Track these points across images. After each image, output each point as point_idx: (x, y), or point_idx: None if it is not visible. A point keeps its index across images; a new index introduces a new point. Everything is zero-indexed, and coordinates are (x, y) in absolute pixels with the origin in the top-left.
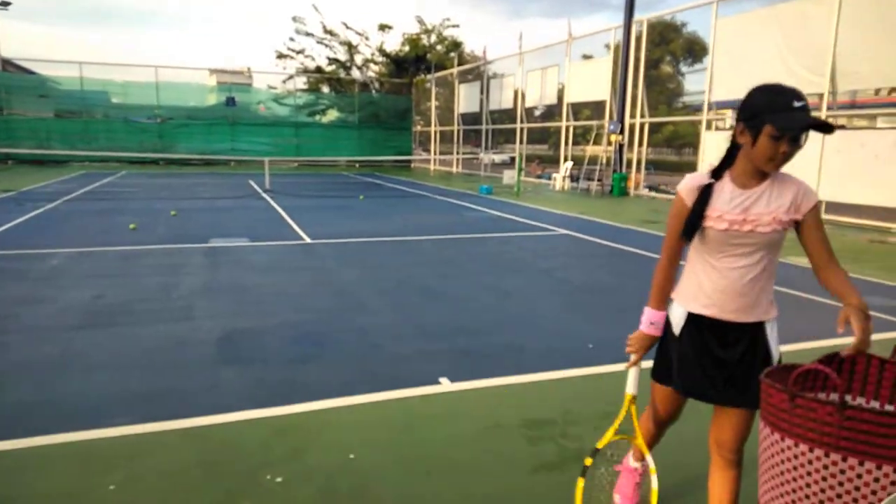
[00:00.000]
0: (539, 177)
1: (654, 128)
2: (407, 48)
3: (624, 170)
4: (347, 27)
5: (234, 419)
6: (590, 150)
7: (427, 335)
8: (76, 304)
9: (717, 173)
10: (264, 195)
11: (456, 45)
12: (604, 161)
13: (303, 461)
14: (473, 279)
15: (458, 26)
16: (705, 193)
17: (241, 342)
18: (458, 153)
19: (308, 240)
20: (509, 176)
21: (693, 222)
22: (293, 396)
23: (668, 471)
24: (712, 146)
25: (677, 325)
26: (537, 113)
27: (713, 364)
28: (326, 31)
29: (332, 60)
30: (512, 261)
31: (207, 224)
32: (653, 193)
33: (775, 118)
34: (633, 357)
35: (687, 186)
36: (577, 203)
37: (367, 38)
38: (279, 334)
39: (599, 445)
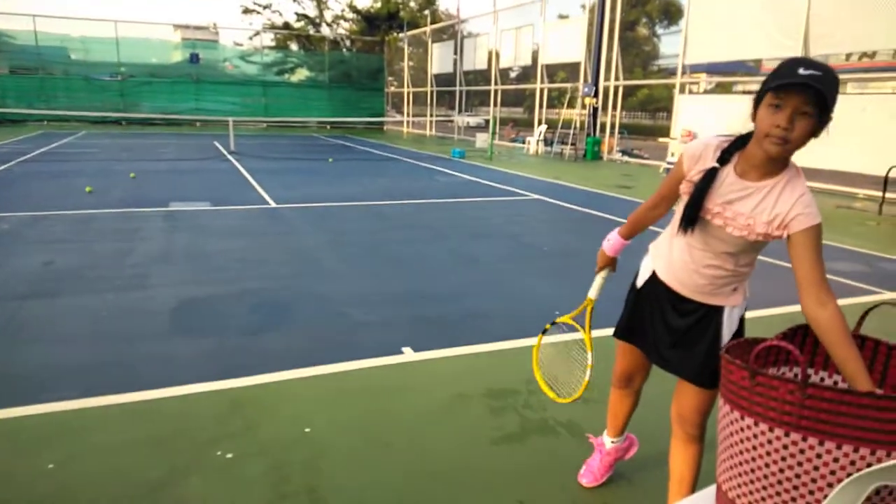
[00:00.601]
0: (513, 140)
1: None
2: (378, 5)
3: (598, 134)
4: None
5: (185, 392)
6: (563, 113)
7: (391, 303)
8: (23, 271)
9: (724, 156)
10: (229, 157)
11: (429, 3)
12: (578, 125)
13: (256, 436)
14: (440, 245)
15: None
16: (707, 179)
17: (196, 311)
18: (431, 115)
19: (273, 204)
20: (482, 140)
21: (691, 214)
22: (250, 368)
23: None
24: (686, 110)
25: (642, 278)
26: (513, 75)
27: (663, 328)
28: None
29: (301, 16)
30: (481, 226)
31: (168, 187)
32: (626, 158)
33: (773, 81)
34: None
35: (691, 154)
36: (550, 167)
37: None
38: (238, 302)
39: (557, 321)
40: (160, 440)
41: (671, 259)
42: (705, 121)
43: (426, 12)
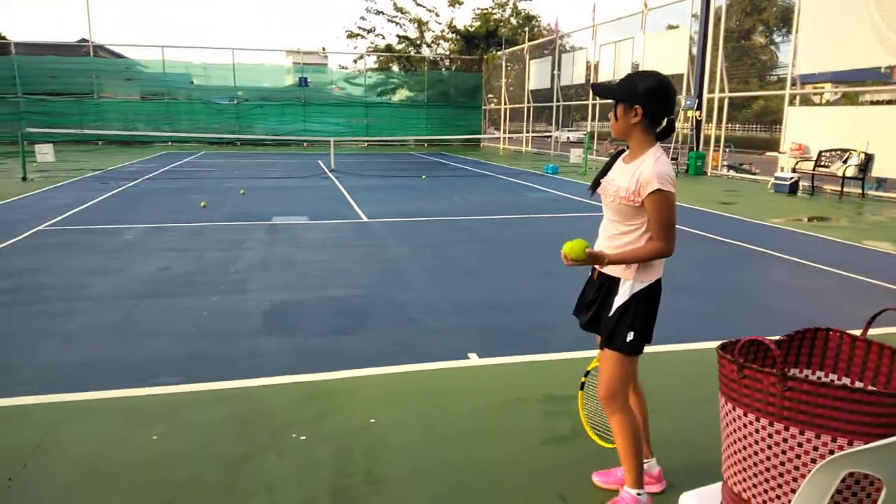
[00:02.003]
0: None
1: (743, 103)
2: (478, 24)
3: (701, 148)
4: (418, 3)
5: (269, 382)
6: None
7: (462, 312)
8: (142, 275)
9: (624, 151)
10: (330, 175)
11: (529, 19)
12: (679, 139)
13: (326, 423)
14: (518, 259)
15: None
16: (608, 163)
17: (285, 313)
18: (528, 131)
19: (364, 218)
20: (576, 155)
21: (593, 182)
22: (326, 365)
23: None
24: (797, 122)
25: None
26: None
27: (584, 302)
28: (397, 9)
29: (403, 38)
30: (563, 242)
31: (272, 202)
32: (732, 173)
33: None
34: None
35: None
36: None
37: (437, 15)
38: (322, 307)
39: (590, 368)
40: (244, 422)
41: (599, 239)
42: (818, 133)
43: (525, 29)
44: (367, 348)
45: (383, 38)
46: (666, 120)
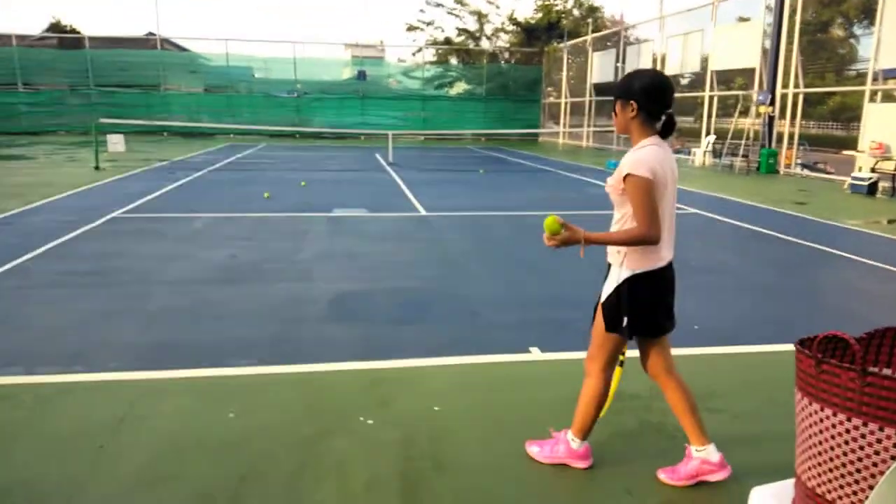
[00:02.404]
0: (678, 151)
1: (819, 99)
2: (539, 15)
3: (773, 145)
4: None
5: (336, 368)
6: (735, 122)
7: (524, 306)
8: (212, 262)
9: None
10: (387, 168)
11: (592, 11)
12: (751, 135)
13: (392, 408)
14: (579, 255)
15: None
16: None
17: (349, 303)
18: (589, 126)
19: (423, 212)
20: None
21: None
22: (391, 353)
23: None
24: (876, 120)
25: None
26: (683, 82)
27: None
28: (457, 1)
29: (462, 31)
30: None
31: (332, 194)
32: (806, 171)
33: None
34: None
35: None
36: (716, 180)
37: (497, 7)
38: (384, 297)
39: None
40: (314, 404)
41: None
42: None
43: (588, 21)
44: (429, 338)
45: (442, 30)
46: (665, 115)
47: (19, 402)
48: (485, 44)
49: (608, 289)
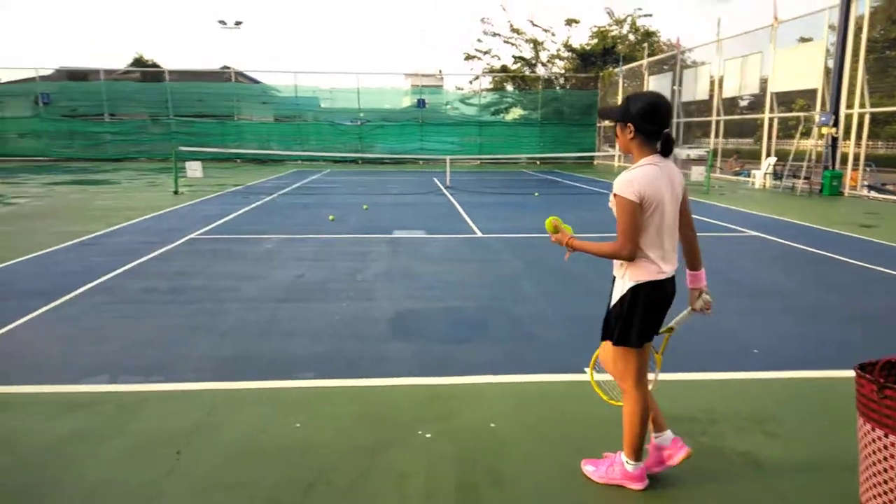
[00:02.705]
0: (737, 173)
1: (888, 119)
2: (595, 41)
3: (838, 166)
4: (534, 24)
5: (395, 383)
6: (797, 144)
7: (578, 327)
8: (281, 281)
9: None
10: (445, 191)
11: (648, 35)
12: (813, 157)
13: (449, 423)
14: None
15: (650, 15)
16: None
17: (409, 320)
18: None
19: (479, 234)
20: (698, 173)
21: None
22: (448, 370)
23: None
24: None
25: None
26: (743, 103)
27: None
28: (513, 30)
29: (518, 59)
30: (680, 261)
31: (393, 217)
32: (873, 193)
33: None
34: None
35: None
36: (776, 203)
37: (553, 34)
38: (442, 316)
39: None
40: (375, 417)
41: None
42: None
43: (644, 45)
44: (486, 356)
45: (499, 58)
46: (663, 135)
47: (103, 409)
48: (540, 70)
49: (614, 300)
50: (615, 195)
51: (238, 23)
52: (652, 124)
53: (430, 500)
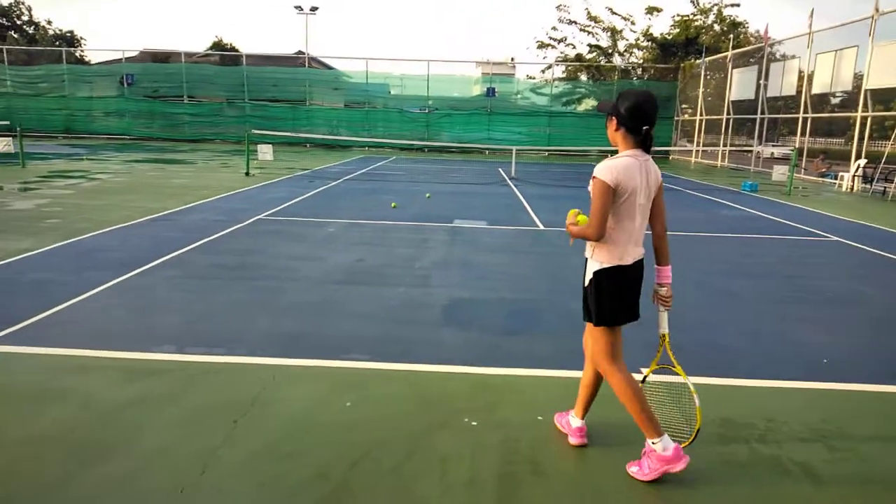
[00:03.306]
0: (823, 175)
1: None
2: (677, 31)
3: None
4: (613, 12)
5: (445, 370)
6: (891, 145)
7: (633, 326)
8: (341, 264)
9: None
10: (509, 182)
11: (735, 26)
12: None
13: (496, 413)
14: (698, 278)
15: (738, 5)
16: None
17: (462, 309)
18: (725, 144)
19: (541, 226)
20: (780, 172)
21: None
22: (499, 360)
23: None
24: None
25: None
26: (835, 101)
27: None
28: (590, 18)
29: (594, 47)
30: (752, 264)
31: (454, 206)
32: None
33: None
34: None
35: None
36: (864, 207)
37: (632, 23)
38: (496, 307)
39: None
40: (423, 402)
41: None
42: None
43: (730, 36)
44: (537, 350)
45: (574, 47)
46: (643, 131)
47: (168, 377)
48: (617, 60)
49: (585, 281)
50: (594, 178)
51: (314, 8)
52: (634, 121)
53: (471, 486)
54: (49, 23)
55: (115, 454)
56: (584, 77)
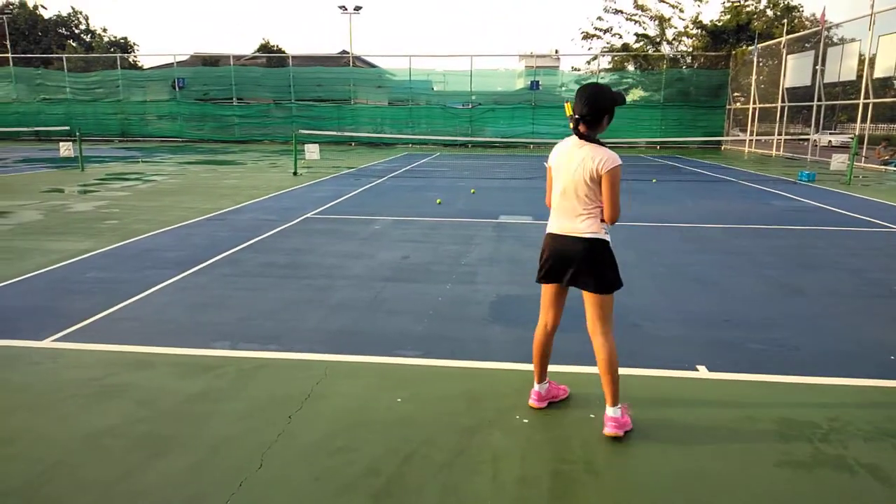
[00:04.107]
0: (886, 163)
1: None
2: (727, 17)
3: None
4: (660, 0)
5: (495, 367)
6: None
7: (690, 322)
8: (388, 261)
9: None
10: None
11: (789, 10)
12: None
13: (547, 411)
14: (757, 272)
15: None
16: None
17: (510, 306)
18: (780, 133)
19: None
20: (838, 161)
21: None
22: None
23: None
24: None
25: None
26: None
27: None
28: (637, 6)
29: (641, 37)
30: (815, 256)
31: (500, 202)
32: None
33: None
34: None
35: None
36: None
37: (681, 10)
38: None
39: None
40: (474, 398)
41: None
42: None
43: (783, 21)
44: (588, 346)
45: (620, 37)
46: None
47: (224, 372)
48: (665, 49)
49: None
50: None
51: (358, 8)
52: (574, 110)
53: (524, 483)
54: (104, 30)
55: (175, 448)
56: (630, 67)
